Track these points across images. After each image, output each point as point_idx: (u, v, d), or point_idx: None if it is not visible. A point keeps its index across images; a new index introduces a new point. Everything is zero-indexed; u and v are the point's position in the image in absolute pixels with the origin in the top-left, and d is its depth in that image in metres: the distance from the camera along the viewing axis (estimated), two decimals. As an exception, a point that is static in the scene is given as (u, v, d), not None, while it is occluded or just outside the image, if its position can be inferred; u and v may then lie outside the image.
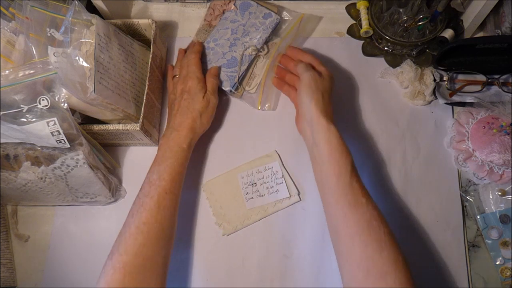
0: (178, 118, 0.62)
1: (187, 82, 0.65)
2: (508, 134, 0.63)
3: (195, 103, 0.63)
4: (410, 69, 0.68)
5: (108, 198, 0.64)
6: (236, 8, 0.71)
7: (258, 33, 0.70)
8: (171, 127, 0.62)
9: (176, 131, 0.61)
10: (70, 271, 0.64)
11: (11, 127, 0.53)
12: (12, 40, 0.57)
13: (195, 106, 0.63)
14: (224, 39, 0.70)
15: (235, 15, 0.71)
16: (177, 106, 0.63)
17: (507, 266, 0.60)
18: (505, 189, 0.63)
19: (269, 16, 0.71)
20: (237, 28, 0.70)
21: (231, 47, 0.70)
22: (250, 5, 0.72)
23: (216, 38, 0.71)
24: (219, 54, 0.70)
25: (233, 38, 0.70)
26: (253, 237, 0.63)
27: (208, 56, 0.70)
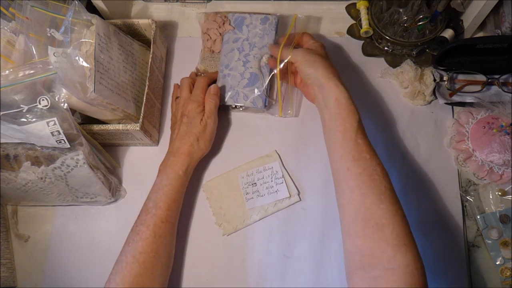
0: (177, 143, 0.62)
1: (187, 105, 0.64)
2: (508, 134, 0.63)
3: (193, 127, 0.62)
4: (410, 69, 0.68)
5: (108, 198, 0.64)
6: (233, 27, 0.70)
7: (264, 39, 0.69)
8: (169, 152, 0.62)
9: (174, 156, 0.61)
10: (70, 271, 0.64)
11: (11, 127, 0.53)
12: (12, 40, 0.57)
13: (192, 130, 0.62)
14: (235, 61, 0.68)
15: (234, 34, 0.70)
16: (176, 130, 0.63)
17: (507, 266, 0.60)
18: (505, 189, 0.63)
19: (266, 19, 0.70)
20: (242, 45, 0.69)
21: (245, 65, 0.68)
22: (244, 18, 0.70)
23: (227, 63, 0.69)
24: (237, 77, 0.68)
25: (243, 55, 0.68)
26: (253, 237, 0.63)
27: (228, 84, 0.68)
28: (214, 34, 0.72)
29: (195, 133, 0.62)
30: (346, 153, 0.53)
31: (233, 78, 0.68)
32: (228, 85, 0.68)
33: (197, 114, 0.63)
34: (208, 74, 0.70)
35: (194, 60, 0.73)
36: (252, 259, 0.62)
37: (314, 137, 0.68)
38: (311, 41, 0.64)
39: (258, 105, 0.67)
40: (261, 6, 0.77)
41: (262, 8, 0.77)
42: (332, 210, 0.64)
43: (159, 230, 0.56)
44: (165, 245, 0.57)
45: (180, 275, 0.62)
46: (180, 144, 0.61)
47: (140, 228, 0.56)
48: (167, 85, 0.73)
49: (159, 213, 0.57)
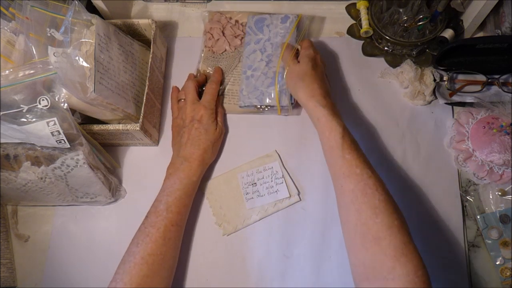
0: (189, 148, 0.62)
1: (199, 111, 0.64)
2: (508, 134, 0.62)
3: (208, 134, 0.63)
4: (410, 69, 0.68)
5: (108, 198, 0.64)
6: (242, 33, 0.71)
7: (285, 38, 0.68)
8: (181, 156, 0.62)
9: (187, 162, 0.61)
10: (70, 271, 0.64)
11: (11, 127, 0.53)
12: (12, 40, 0.57)
13: (207, 137, 0.63)
14: (258, 62, 0.68)
15: (255, 35, 0.70)
16: (187, 135, 0.63)
17: (507, 266, 0.60)
18: (505, 189, 0.63)
19: (286, 18, 0.70)
20: (264, 46, 0.69)
21: (268, 65, 0.67)
22: (264, 18, 0.70)
23: (250, 64, 0.68)
24: (261, 77, 0.67)
25: (265, 56, 0.68)
26: (253, 237, 0.63)
27: (252, 85, 0.67)
28: (217, 34, 0.72)
29: (211, 140, 0.63)
30: (337, 170, 0.54)
31: (257, 79, 0.67)
32: (252, 86, 0.67)
33: (211, 122, 0.64)
34: (215, 78, 0.69)
35: (194, 60, 0.73)
36: (252, 259, 0.62)
37: (314, 137, 0.68)
38: (303, 51, 0.64)
39: (284, 103, 0.66)
40: (261, 6, 0.77)
41: (262, 8, 0.77)
42: (332, 210, 0.64)
43: (169, 233, 0.56)
44: (173, 248, 0.57)
45: (180, 275, 0.62)
46: (193, 149, 0.62)
47: (150, 230, 0.56)
48: (167, 85, 0.73)
49: (170, 217, 0.57)
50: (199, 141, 0.62)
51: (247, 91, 0.67)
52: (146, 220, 0.57)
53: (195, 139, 0.62)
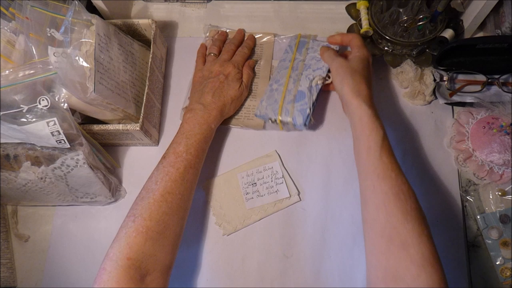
0: (209, 97, 0.63)
1: (228, 67, 0.67)
2: (508, 134, 0.63)
3: (230, 89, 0.65)
4: (410, 69, 0.68)
5: (108, 198, 0.64)
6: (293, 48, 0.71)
7: (320, 63, 0.67)
8: (201, 103, 0.63)
9: (207, 109, 0.62)
10: (70, 271, 0.64)
11: (11, 127, 0.53)
12: (12, 40, 0.57)
13: (229, 92, 0.65)
14: (286, 78, 0.68)
15: (292, 54, 0.70)
16: (210, 85, 0.64)
17: (507, 266, 0.60)
18: (505, 189, 0.63)
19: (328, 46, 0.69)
20: (297, 65, 0.69)
21: (294, 82, 0.67)
22: (305, 42, 0.71)
23: (278, 79, 0.68)
24: (286, 94, 0.66)
25: (295, 74, 0.68)
26: (253, 237, 0.63)
27: (273, 97, 0.66)
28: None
29: (231, 96, 0.65)
30: (371, 171, 0.53)
31: (279, 93, 0.67)
32: (273, 98, 0.66)
33: (237, 79, 0.67)
34: (248, 44, 0.72)
35: (194, 60, 0.73)
36: (252, 259, 0.62)
37: (314, 137, 0.68)
38: (356, 49, 0.63)
39: (298, 122, 0.64)
40: (261, 6, 0.77)
41: (262, 8, 0.77)
42: (332, 210, 0.64)
43: (187, 175, 0.57)
44: (190, 189, 0.58)
45: (180, 275, 0.62)
46: (214, 99, 0.63)
47: (169, 169, 0.56)
48: (167, 85, 0.73)
49: (189, 158, 0.58)
50: (221, 93, 0.64)
51: (267, 103, 0.66)
52: (165, 160, 0.58)
53: (218, 90, 0.64)
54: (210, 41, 0.74)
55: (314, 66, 0.67)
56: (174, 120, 0.71)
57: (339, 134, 0.68)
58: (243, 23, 0.77)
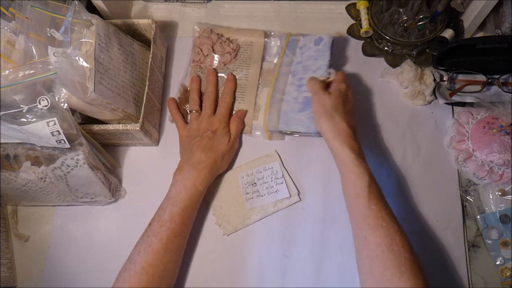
0: (199, 155, 0.61)
1: (214, 123, 0.64)
2: (508, 134, 0.62)
3: (220, 145, 0.63)
4: (410, 69, 0.68)
5: (108, 198, 0.64)
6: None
7: (317, 62, 0.65)
8: (189, 164, 0.61)
9: (195, 170, 0.60)
10: (70, 271, 0.64)
11: (11, 127, 0.53)
12: (12, 40, 0.57)
13: (219, 147, 0.63)
14: (288, 85, 0.66)
15: (287, 57, 0.67)
16: (199, 143, 0.62)
17: (507, 266, 0.60)
18: (505, 189, 0.63)
19: (320, 40, 0.67)
20: (295, 68, 0.66)
21: (299, 89, 0.65)
22: (295, 40, 0.67)
23: (281, 87, 0.66)
24: (291, 102, 0.65)
25: (296, 79, 0.65)
26: (253, 237, 0.63)
27: (281, 109, 0.65)
28: (206, 49, 0.70)
29: (222, 151, 0.63)
30: (361, 220, 0.52)
31: (286, 103, 0.65)
32: (281, 110, 0.65)
33: (225, 134, 0.64)
34: (229, 90, 0.68)
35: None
36: (252, 259, 0.62)
37: (314, 137, 0.68)
38: (336, 84, 0.62)
39: (312, 131, 0.62)
40: (261, 6, 0.77)
41: (262, 8, 0.77)
42: (332, 210, 0.64)
43: (171, 244, 0.56)
44: (175, 259, 0.57)
45: (180, 275, 0.62)
46: (204, 158, 0.61)
47: (152, 239, 0.55)
48: (167, 85, 0.73)
49: (173, 227, 0.56)
50: (210, 149, 0.62)
51: (276, 115, 0.65)
52: (149, 229, 0.57)
53: (207, 147, 0.62)
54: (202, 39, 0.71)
55: (313, 66, 0.65)
56: (174, 120, 0.71)
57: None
58: (243, 23, 0.77)
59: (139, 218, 0.59)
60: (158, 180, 0.63)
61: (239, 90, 0.69)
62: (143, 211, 0.63)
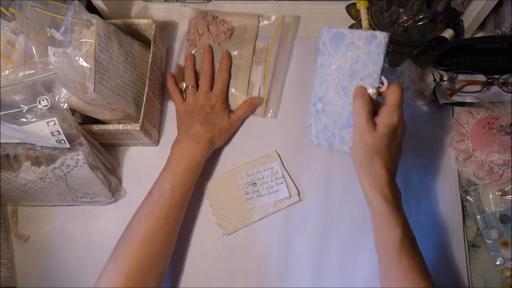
0: (197, 128, 0.62)
1: (212, 98, 0.65)
2: (508, 134, 0.63)
3: (218, 119, 0.64)
4: (410, 69, 0.68)
5: (108, 198, 0.64)
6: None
7: (368, 67, 0.51)
8: (189, 136, 0.61)
9: (195, 142, 0.61)
10: (70, 271, 0.64)
11: (11, 127, 0.53)
12: (12, 40, 0.57)
13: (217, 122, 0.64)
14: (331, 94, 0.55)
15: (330, 56, 0.54)
16: (197, 116, 0.63)
17: (507, 266, 0.60)
18: (505, 189, 0.63)
19: (373, 38, 0.51)
20: (340, 73, 0.54)
21: (343, 100, 0.54)
22: (343, 35, 0.53)
23: (321, 96, 0.55)
24: (333, 115, 0.55)
25: (341, 88, 0.54)
26: (253, 237, 0.63)
27: (321, 122, 0.55)
28: (202, 29, 0.73)
29: (220, 126, 0.64)
30: (391, 272, 0.49)
31: (328, 116, 0.55)
32: (321, 123, 0.55)
33: (223, 109, 0.65)
34: (224, 67, 0.69)
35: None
36: (252, 259, 0.62)
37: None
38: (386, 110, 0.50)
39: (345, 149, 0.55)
40: (261, 6, 0.77)
41: (262, 8, 0.77)
42: (332, 210, 0.64)
43: (172, 214, 0.56)
44: (175, 229, 0.58)
45: (180, 275, 0.62)
46: (203, 131, 0.61)
47: (153, 208, 0.56)
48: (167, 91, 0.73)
49: (174, 197, 0.57)
50: (209, 123, 0.63)
51: (316, 128, 0.56)
52: (150, 197, 0.57)
53: (206, 121, 0.62)
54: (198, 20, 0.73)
55: (361, 72, 0.52)
56: (174, 120, 0.71)
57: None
58: (243, 23, 0.77)
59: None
60: (158, 180, 0.63)
61: (233, 68, 0.71)
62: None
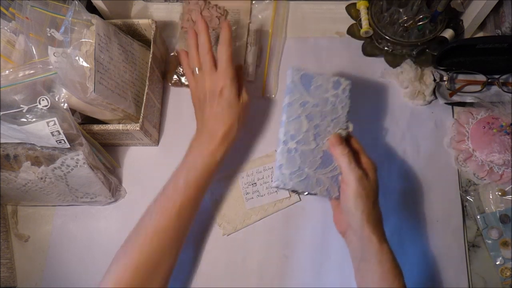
0: (211, 123, 0.58)
1: (218, 81, 0.58)
2: (508, 134, 0.63)
3: (232, 108, 0.58)
4: (410, 69, 0.68)
5: (108, 198, 0.64)
6: (298, 85, 0.56)
7: (337, 110, 0.55)
8: (204, 131, 0.58)
9: (212, 139, 0.57)
10: (70, 271, 0.64)
11: (11, 127, 0.53)
12: (12, 40, 0.57)
13: (231, 111, 0.58)
14: (304, 132, 0.54)
15: (301, 95, 0.55)
16: (208, 111, 0.58)
17: (507, 266, 0.60)
18: (505, 189, 0.63)
19: (338, 84, 0.56)
20: (311, 113, 0.54)
21: (316, 139, 0.54)
22: (312, 77, 0.56)
23: (293, 134, 0.54)
24: (307, 155, 0.54)
25: (313, 126, 0.54)
26: (253, 237, 0.63)
27: (295, 162, 0.53)
28: (195, 15, 0.74)
29: (236, 114, 0.58)
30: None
31: (302, 155, 0.53)
32: (295, 163, 0.53)
33: (233, 91, 0.58)
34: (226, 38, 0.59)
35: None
36: (252, 259, 0.62)
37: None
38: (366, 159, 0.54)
39: (333, 194, 0.54)
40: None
41: (262, 8, 0.77)
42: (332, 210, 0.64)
43: (184, 211, 0.55)
44: (186, 226, 0.56)
45: (180, 275, 0.62)
46: (218, 126, 0.57)
47: (165, 204, 0.54)
48: (167, 85, 0.73)
49: (187, 194, 0.55)
50: (222, 117, 0.57)
51: (289, 169, 0.53)
52: (163, 192, 0.56)
53: (219, 115, 0.58)
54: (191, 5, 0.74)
55: (330, 114, 0.55)
56: (174, 120, 0.71)
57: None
58: (243, 23, 0.77)
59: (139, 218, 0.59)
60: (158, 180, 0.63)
61: None
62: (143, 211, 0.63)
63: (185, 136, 0.65)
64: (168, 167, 0.63)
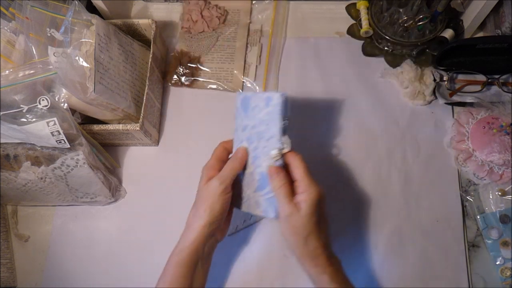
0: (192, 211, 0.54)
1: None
2: (508, 134, 0.63)
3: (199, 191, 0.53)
4: (410, 69, 0.68)
5: (108, 198, 0.64)
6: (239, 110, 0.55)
7: (270, 128, 0.50)
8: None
9: (187, 227, 0.53)
10: (70, 271, 0.64)
11: (11, 127, 0.53)
12: (12, 40, 0.57)
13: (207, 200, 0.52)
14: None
15: (241, 120, 0.54)
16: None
17: (507, 266, 0.60)
18: (505, 189, 0.63)
19: (269, 100, 0.50)
20: (250, 135, 0.53)
21: (254, 161, 0.52)
22: (249, 98, 0.53)
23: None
24: (247, 178, 0.53)
25: (252, 149, 0.52)
26: (253, 237, 0.63)
27: (241, 186, 0.54)
28: (195, 16, 0.74)
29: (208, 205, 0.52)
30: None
31: (245, 179, 0.53)
32: (241, 187, 0.54)
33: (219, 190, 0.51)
34: (238, 156, 0.54)
35: (194, 60, 0.73)
36: (252, 259, 0.62)
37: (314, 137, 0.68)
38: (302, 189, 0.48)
39: (270, 215, 0.51)
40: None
41: (262, 8, 0.77)
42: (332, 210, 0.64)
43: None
44: None
45: (180, 275, 0.62)
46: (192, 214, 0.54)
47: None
48: (167, 85, 0.73)
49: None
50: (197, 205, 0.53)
51: (235, 191, 0.54)
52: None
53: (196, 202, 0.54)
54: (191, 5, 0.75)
55: (266, 134, 0.51)
56: (174, 120, 0.71)
57: (338, 133, 0.68)
58: (243, 23, 0.77)
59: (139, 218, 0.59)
60: (158, 180, 0.63)
61: (229, 51, 0.74)
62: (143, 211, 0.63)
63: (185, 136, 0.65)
64: (168, 167, 0.63)
